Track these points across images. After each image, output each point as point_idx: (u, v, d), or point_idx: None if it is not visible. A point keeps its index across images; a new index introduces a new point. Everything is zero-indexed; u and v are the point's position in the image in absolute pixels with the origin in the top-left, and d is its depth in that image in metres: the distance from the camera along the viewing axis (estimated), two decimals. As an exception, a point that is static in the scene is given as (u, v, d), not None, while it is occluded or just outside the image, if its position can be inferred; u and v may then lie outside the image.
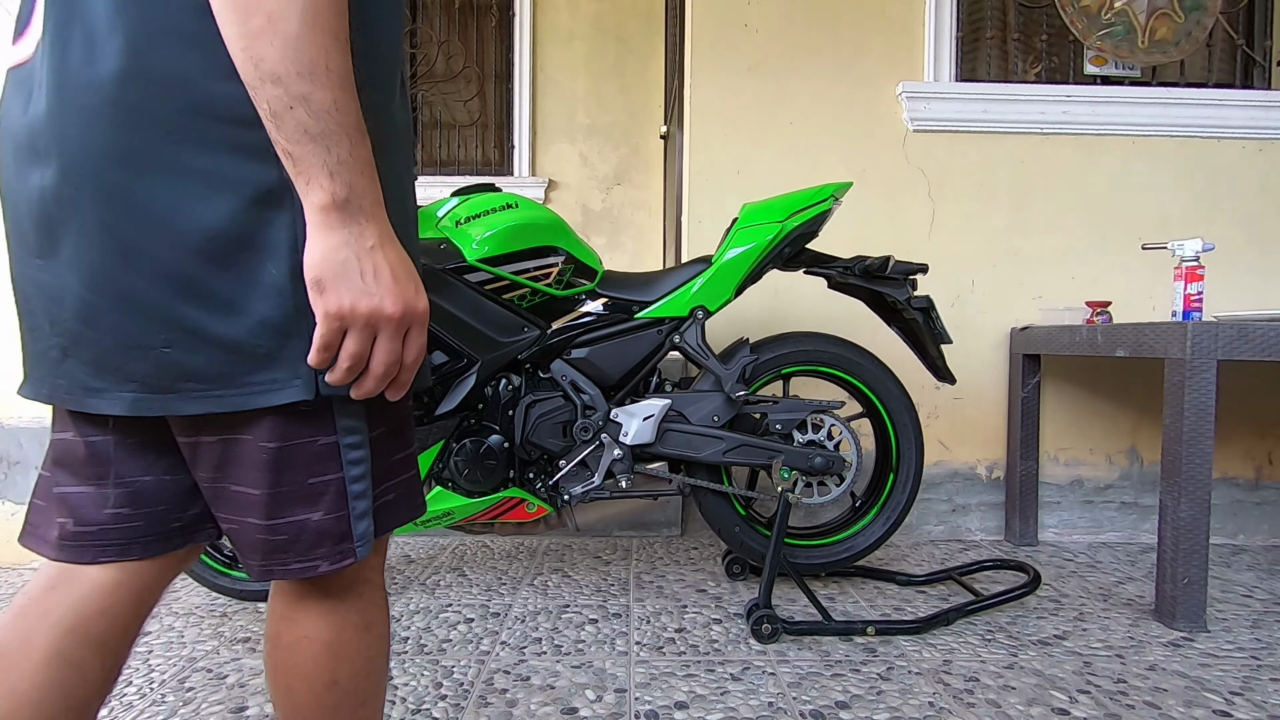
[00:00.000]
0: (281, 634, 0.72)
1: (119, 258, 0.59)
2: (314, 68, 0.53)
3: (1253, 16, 2.76)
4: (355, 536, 0.67)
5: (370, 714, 0.76)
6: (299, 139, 0.54)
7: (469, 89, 3.72)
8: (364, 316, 0.58)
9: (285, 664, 0.71)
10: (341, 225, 0.57)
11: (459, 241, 1.77)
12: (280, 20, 0.52)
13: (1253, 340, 1.67)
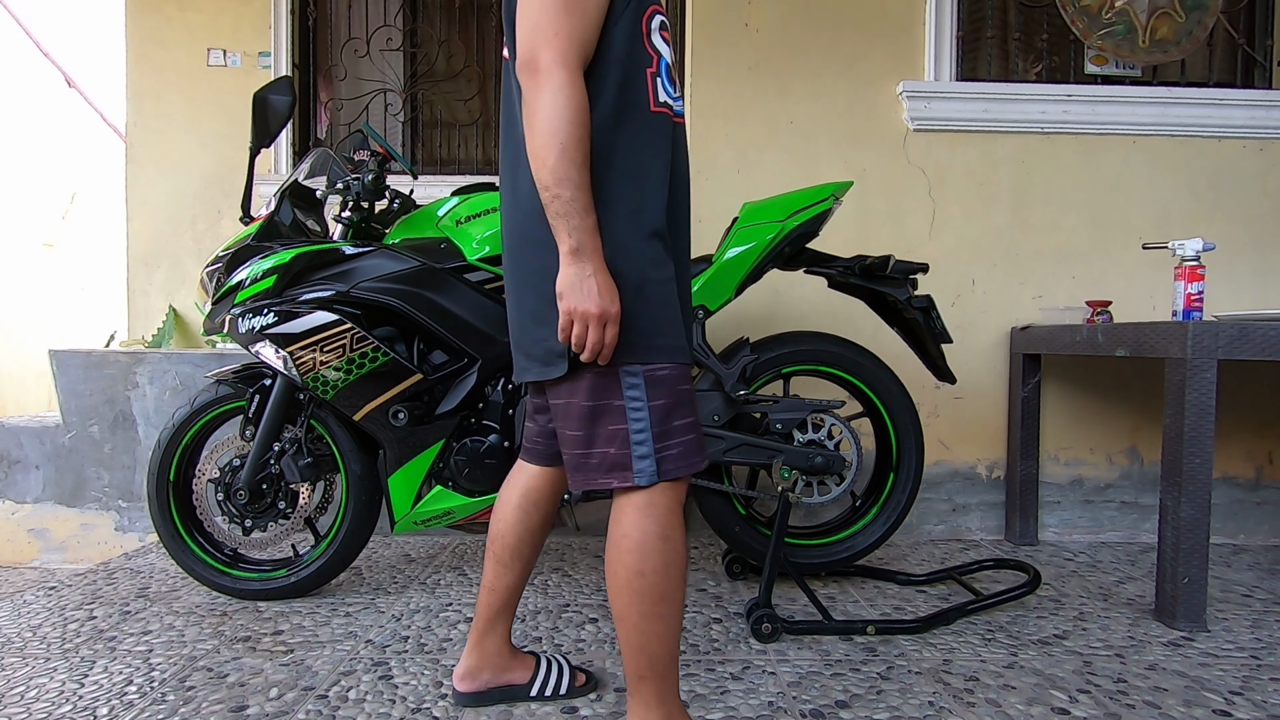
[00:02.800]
0: (611, 532, 1.08)
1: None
2: (560, 180, 0.96)
3: (1253, 16, 2.76)
4: (635, 470, 1.04)
5: (668, 610, 1.05)
6: (555, 217, 0.98)
7: (469, 88, 3.72)
8: (580, 314, 0.99)
9: (612, 554, 1.07)
10: (574, 263, 0.99)
11: (459, 241, 1.77)
12: (547, 158, 0.96)
13: (1253, 340, 1.67)
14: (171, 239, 3.64)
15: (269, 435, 1.82)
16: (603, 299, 0.98)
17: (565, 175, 0.95)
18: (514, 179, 1.10)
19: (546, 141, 0.95)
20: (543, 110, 0.96)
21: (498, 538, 1.29)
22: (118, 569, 2.14)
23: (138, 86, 3.67)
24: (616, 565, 1.06)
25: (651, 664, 1.06)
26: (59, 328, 6.32)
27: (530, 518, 1.28)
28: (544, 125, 0.96)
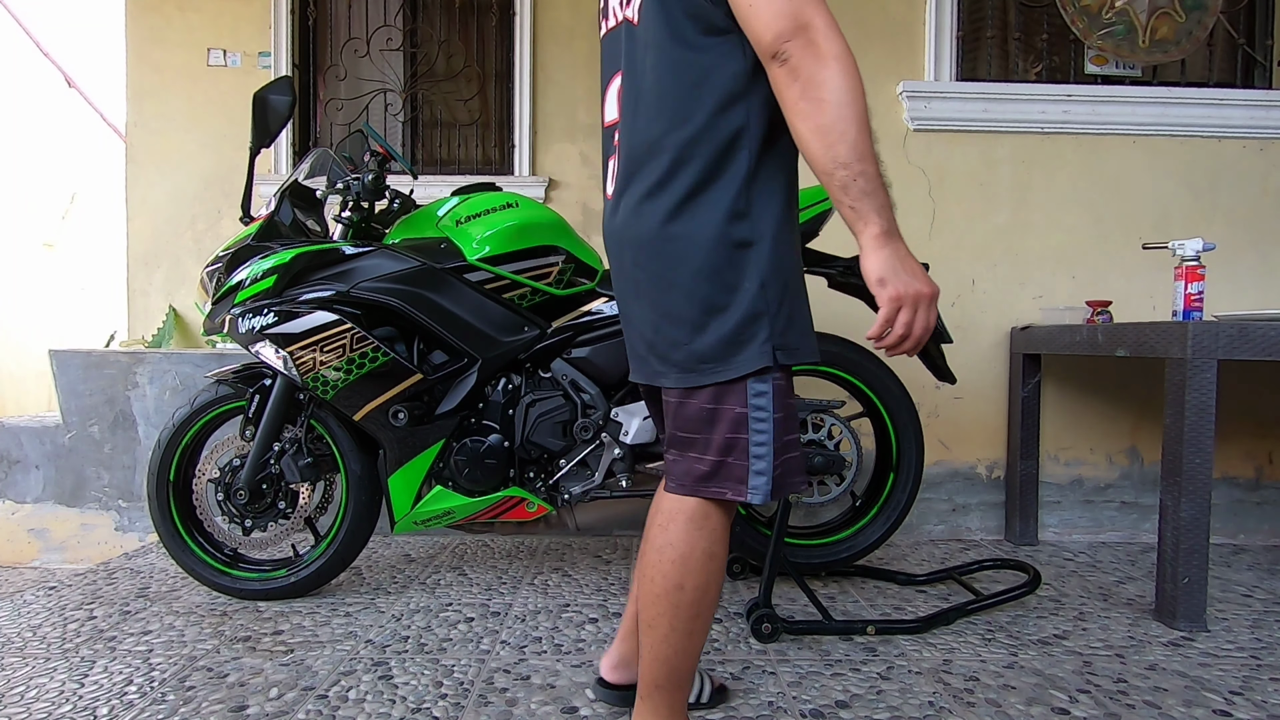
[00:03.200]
0: (655, 538, 1.03)
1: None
2: (863, 155, 0.86)
3: (1254, 16, 2.76)
4: (750, 485, 0.97)
5: (699, 627, 1.02)
6: (859, 198, 0.87)
7: (469, 88, 3.72)
8: (911, 297, 0.88)
9: (653, 560, 1.02)
10: (888, 244, 0.88)
11: (459, 241, 1.77)
12: (846, 131, 0.85)
13: (1253, 340, 1.67)
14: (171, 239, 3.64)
15: (269, 435, 1.82)
16: (925, 278, 0.90)
17: (866, 150, 0.86)
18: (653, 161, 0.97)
19: (844, 114, 0.85)
20: (832, 81, 0.84)
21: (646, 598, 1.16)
22: (118, 569, 2.14)
23: (138, 86, 3.67)
24: (655, 573, 1.01)
25: (670, 675, 1.03)
26: (59, 328, 6.32)
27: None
28: (839, 97, 0.84)
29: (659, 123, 0.96)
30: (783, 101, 0.89)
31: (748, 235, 0.95)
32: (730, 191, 0.94)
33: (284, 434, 1.85)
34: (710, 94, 0.93)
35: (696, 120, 0.94)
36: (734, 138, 0.94)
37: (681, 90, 0.94)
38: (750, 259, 0.95)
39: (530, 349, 1.81)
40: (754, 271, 0.95)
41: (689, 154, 0.94)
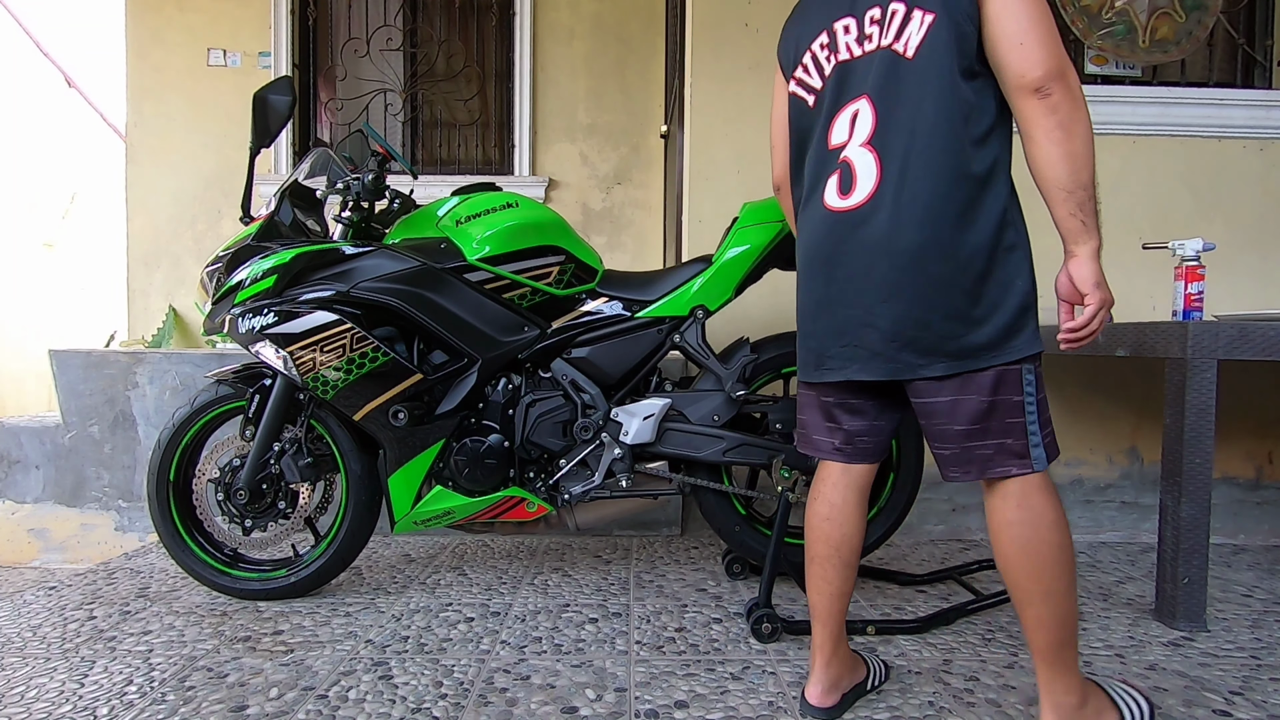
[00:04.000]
0: (1021, 514, 1.13)
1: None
2: (1094, 181, 1.07)
3: (1254, 16, 2.76)
4: (1033, 458, 1.13)
5: (1071, 585, 1.14)
6: (1090, 214, 1.06)
7: (469, 88, 3.72)
8: (1108, 304, 1.08)
9: (1032, 535, 1.12)
10: (1097, 257, 1.08)
11: (459, 241, 1.77)
12: (1089, 160, 1.06)
13: (1253, 340, 1.67)
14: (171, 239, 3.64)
15: (269, 435, 1.82)
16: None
17: (1092, 175, 1.07)
18: (936, 182, 1.11)
19: (1088, 147, 1.06)
20: (1083, 118, 1.05)
21: (844, 541, 1.29)
22: (118, 569, 2.15)
23: (138, 86, 3.67)
24: (1040, 544, 1.12)
25: (1072, 631, 1.14)
26: (59, 328, 6.32)
27: (865, 515, 1.33)
28: (1085, 131, 1.05)
29: (938, 150, 1.11)
30: (1036, 129, 1.07)
31: (1014, 240, 1.13)
32: (1000, 205, 1.11)
33: (284, 434, 1.85)
34: (977, 125, 1.11)
35: (969, 147, 1.11)
36: (995, 160, 1.12)
37: (956, 122, 1.11)
38: (1017, 259, 1.13)
39: (530, 349, 1.82)
40: (1024, 270, 1.13)
41: (967, 175, 1.11)
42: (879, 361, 1.17)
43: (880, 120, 1.15)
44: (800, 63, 1.27)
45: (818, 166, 1.24)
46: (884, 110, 1.15)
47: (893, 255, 1.13)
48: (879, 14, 1.15)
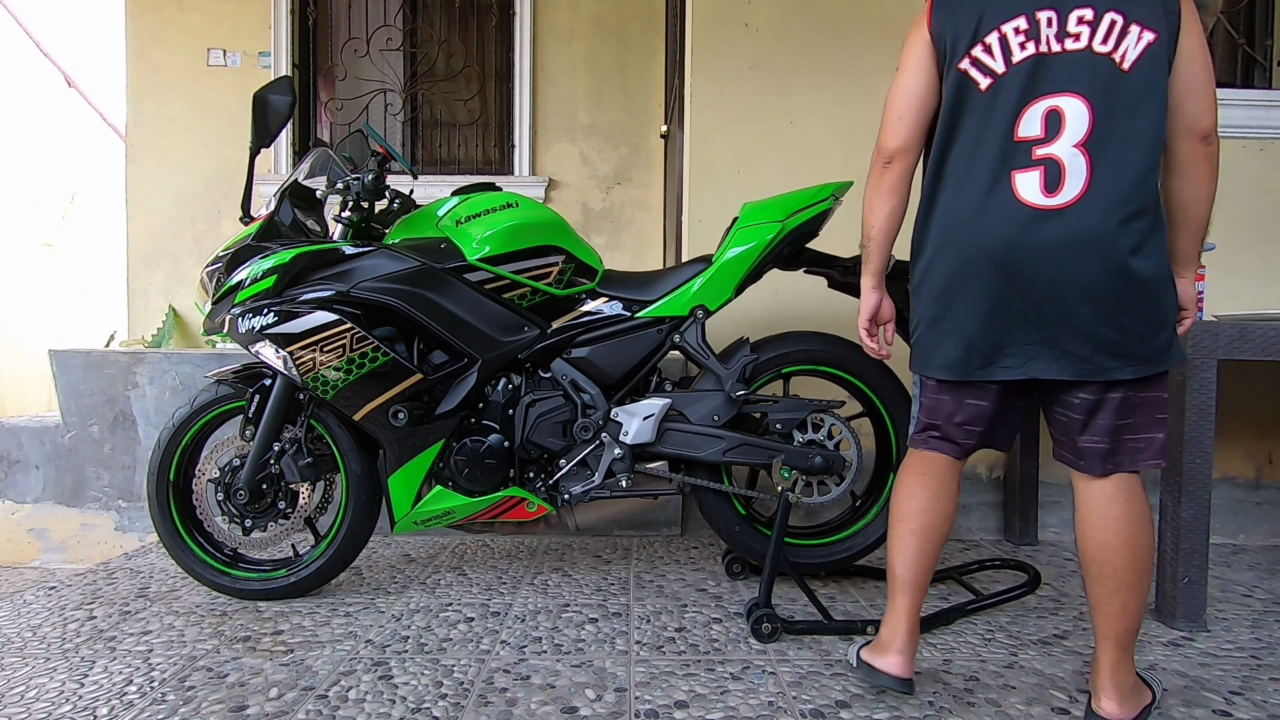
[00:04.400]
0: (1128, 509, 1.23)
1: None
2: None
3: (1254, 16, 2.76)
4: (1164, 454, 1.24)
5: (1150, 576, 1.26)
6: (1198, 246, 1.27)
7: (469, 88, 3.72)
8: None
9: (1136, 529, 1.22)
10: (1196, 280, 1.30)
11: (459, 241, 1.77)
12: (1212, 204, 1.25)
13: (1253, 340, 1.67)
14: (171, 239, 3.64)
15: (269, 435, 1.82)
16: None
17: None
18: (1144, 191, 1.17)
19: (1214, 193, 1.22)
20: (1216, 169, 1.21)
21: (947, 518, 1.38)
22: (118, 569, 2.15)
23: (138, 86, 3.67)
24: (1142, 537, 1.23)
25: (1140, 620, 1.25)
26: (59, 328, 6.32)
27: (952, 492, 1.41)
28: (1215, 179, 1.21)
29: (1148, 163, 1.16)
30: (1197, 170, 1.19)
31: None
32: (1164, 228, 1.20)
33: (284, 434, 1.85)
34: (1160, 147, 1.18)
35: (1156, 167, 1.18)
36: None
37: (1159, 142, 1.17)
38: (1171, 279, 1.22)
39: (530, 349, 1.82)
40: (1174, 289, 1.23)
41: (1156, 195, 1.18)
42: (1068, 361, 1.20)
43: (1097, 125, 1.16)
44: (982, 41, 1.21)
45: (997, 157, 1.21)
46: (1102, 116, 1.16)
47: (1105, 258, 1.15)
48: (1090, 16, 1.15)
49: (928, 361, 1.32)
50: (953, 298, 1.26)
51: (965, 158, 1.24)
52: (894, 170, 1.33)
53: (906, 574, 1.36)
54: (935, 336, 1.29)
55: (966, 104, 1.24)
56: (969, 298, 1.24)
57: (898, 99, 1.34)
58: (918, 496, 1.37)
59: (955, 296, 1.25)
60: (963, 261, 1.24)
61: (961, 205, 1.24)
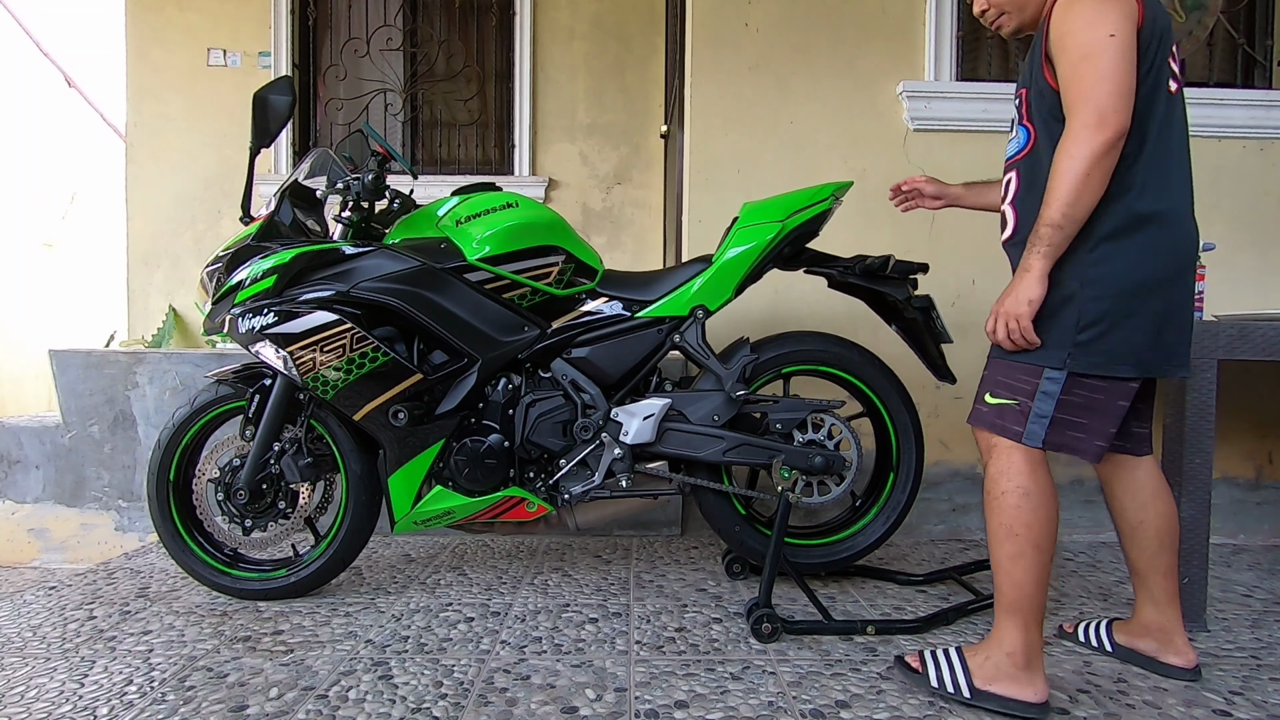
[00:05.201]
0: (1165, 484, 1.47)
1: None
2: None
3: (1254, 16, 2.76)
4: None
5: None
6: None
7: (469, 88, 3.72)
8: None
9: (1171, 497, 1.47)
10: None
11: (459, 241, 1.77)
12: None
13: (1253, 340, 1.67)
14: (171, 239, 3.64)
15: (269, 435, 1.82)
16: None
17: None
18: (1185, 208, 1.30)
19: None
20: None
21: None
22: (118, 569, 2.15)
23: (138, 86, 3.67)
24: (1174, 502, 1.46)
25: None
26: (59, 328, 6.32)
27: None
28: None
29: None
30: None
31: None
32: None
33: (284, 434, 1.85)
34: None
35: None
36: None
37: None
38: None
39: (530, 349, 1.82)
40: None
41: None
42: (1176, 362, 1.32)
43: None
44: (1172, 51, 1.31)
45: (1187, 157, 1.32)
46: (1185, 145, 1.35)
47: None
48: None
49: (1138, 359, 1.28)
50: (1169, 294, 1.28)
51: (1171, 151, 1.29)
52: (1119, 149, 1.21)
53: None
54: (1131, 333, 1.26)
55: (1163, 101, 1.28)
56: (1180, 298, 1.30)
57: (1127, 71, 1.19)
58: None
59: (1170, 293, 1.28)
60: (1181, 257, 1.28)
61: (1181, 199, 1.29)
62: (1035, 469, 1.30)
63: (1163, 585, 1.46)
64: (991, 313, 1.33)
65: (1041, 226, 1.23)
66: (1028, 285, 1.25)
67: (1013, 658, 1.29)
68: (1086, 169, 1.18)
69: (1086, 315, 1.26)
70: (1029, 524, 1.28)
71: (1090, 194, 1.20)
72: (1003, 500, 1.30)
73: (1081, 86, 1.19)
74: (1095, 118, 1.17)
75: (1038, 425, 1.29)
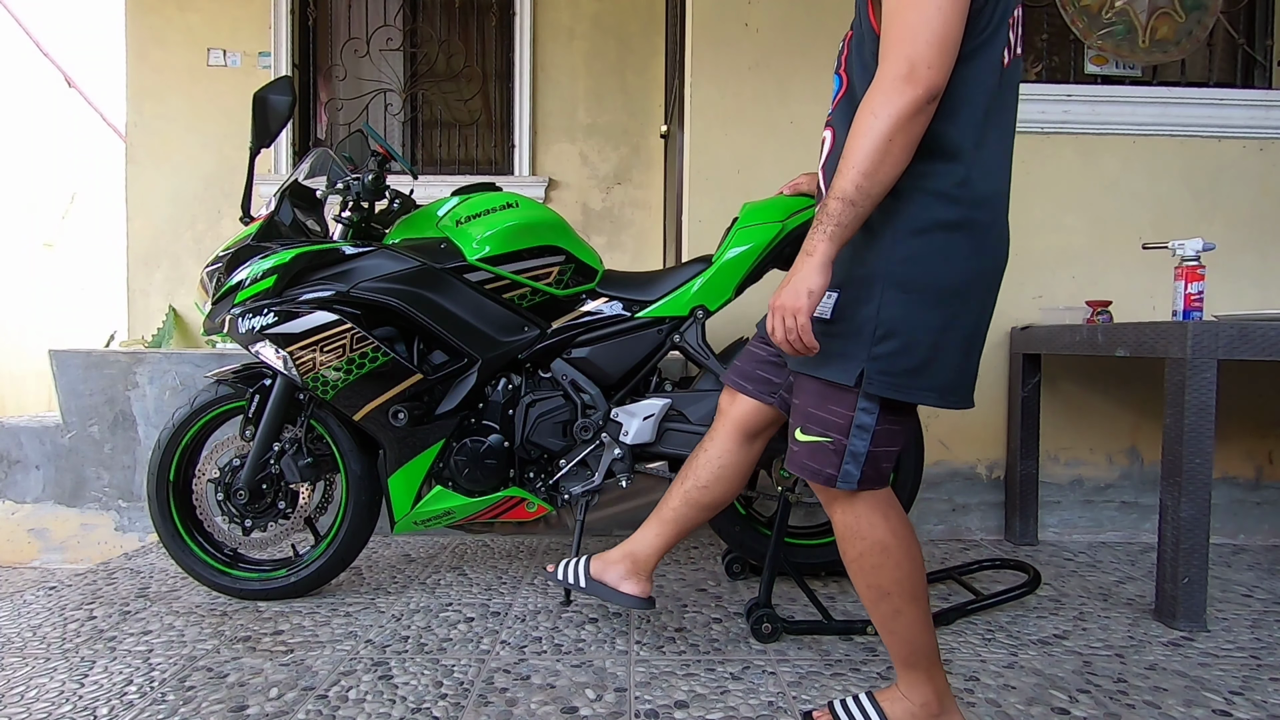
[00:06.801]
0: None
1: None
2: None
3: (1254, 16, 2.76)
4: None
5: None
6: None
7: (470, 88, 3.72)
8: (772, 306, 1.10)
9: None
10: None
11: (459, 241, 1.77)
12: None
13: (1253, 340, 1.67)
14: (171, 239, 3.64)
15: (269, 435, 1.82)
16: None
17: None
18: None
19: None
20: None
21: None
22: (118, 569, 2.15)
23: (138, 86, 3.67)
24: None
25: None
26: (59, 328, 6.32)
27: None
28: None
29: None
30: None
31: None
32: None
33: (284, 434, 1.85)
34: None
35: None
36: None
37: None
38: None
39: (530, 349, 1.82)
40: None
41: None
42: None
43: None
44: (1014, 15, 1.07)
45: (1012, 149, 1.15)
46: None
47: None
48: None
49: (942, 383, 1.08)
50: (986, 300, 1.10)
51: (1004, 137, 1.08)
52: (929, 113, 0.98)
53: None
54: (938, 349, 1.07)
55: (995, 70, 1.03)
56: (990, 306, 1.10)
57: (953, 21, 0.95)
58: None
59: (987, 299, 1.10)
60: (998, 261, 1.09)
61: (1004, 193, 1.09)
62: (887, 514, 1.13)
63: (659, 528, 1.49)
64: (769, 307, 1.06)
65: (830, 199, 0.99)
66: (807, 273, 1.00)
67: (928, 707, 1.18)
68: (889, 130, 0.95)
69: (886, 321, 1.05)
70: (897, 580, 1.13)
71: (892, 163, 0.97)
72: (861, 563, 1.14)
73: (896, 30, 0.96)
74: (906, 67, 0.94)
75: (852, 465, 1.10)
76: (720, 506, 1.50)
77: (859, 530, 1.14)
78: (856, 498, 1.14)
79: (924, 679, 1.17)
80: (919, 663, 1.17)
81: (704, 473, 1.47)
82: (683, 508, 1.49)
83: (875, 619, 1.17)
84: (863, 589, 1.17)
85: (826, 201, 1.00)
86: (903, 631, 1.15)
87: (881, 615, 1.16)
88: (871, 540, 1.13)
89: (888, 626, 1.16)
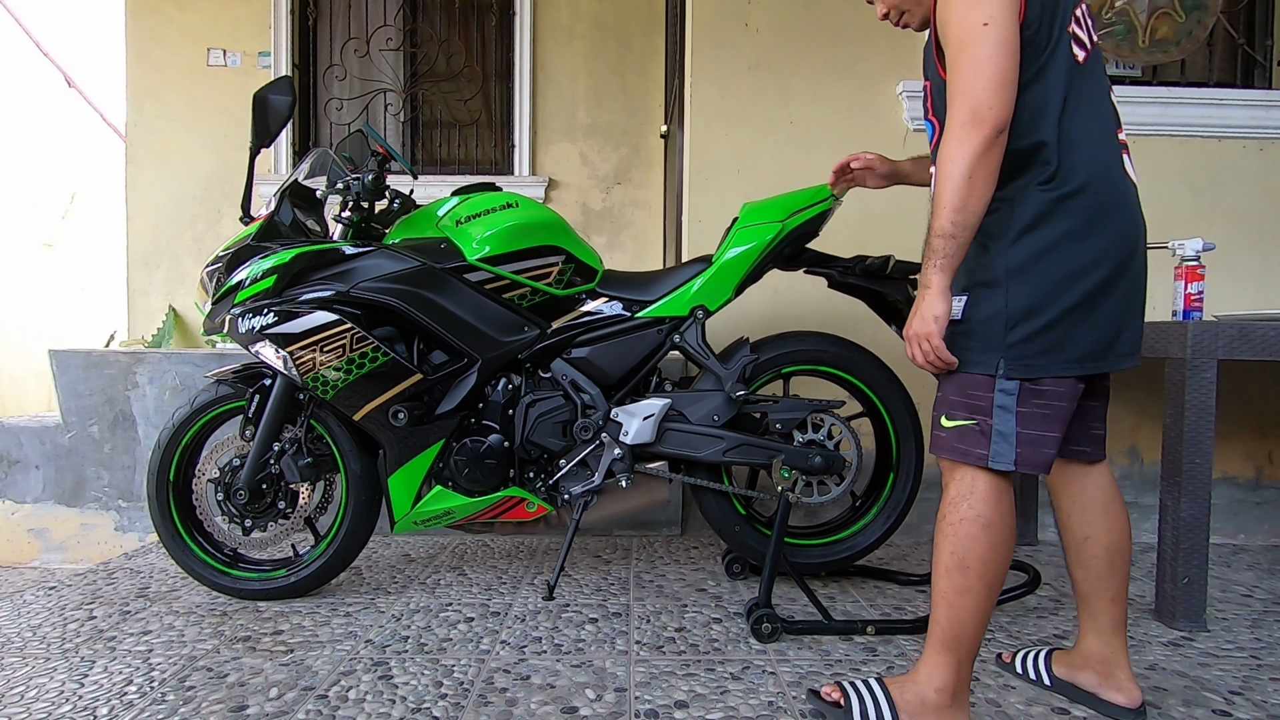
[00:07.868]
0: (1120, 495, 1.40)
1: None
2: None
3: (1254, 16, 2.76)
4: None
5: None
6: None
7: (470, 88, 3.72)
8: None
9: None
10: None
11: (459, 241, 1.77)
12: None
13: (1253, 340, 1.67)
14: (171, 239, 3.64)
15: (269, 435, 1.82)
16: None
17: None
18: None
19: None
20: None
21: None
22: (118, 569, 2.15)
23: (138, 86, 3.67)
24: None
25: None
26: (59, 328, 6.31)
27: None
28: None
29: None
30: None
31: None
32: None
33: (284, 434, 1.85)
34: None
35: None
36: None
37: None
38: None
39: (530, 349, 1.82)
40: None
41: None
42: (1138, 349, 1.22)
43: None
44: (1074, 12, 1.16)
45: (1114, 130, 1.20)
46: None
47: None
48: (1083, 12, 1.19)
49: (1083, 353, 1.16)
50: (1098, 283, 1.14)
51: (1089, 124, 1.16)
52: (1002, 143, 1.10)
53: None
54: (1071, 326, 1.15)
55: (1065, 75, 1.14)
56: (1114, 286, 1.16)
57: (1006, 58, 1.08)
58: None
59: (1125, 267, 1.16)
60: (1122, 226, 1.16)
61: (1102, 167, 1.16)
62: (1000, 498, 1.18)
63: (1109, 611, 1.34)
64: (904, 338, 1.21)
65: (933, 238, 1.12)
66: (930, 302, 1.14)
67: (941, 694, 1.19)
68: (968, 170, 1.08)
69: (1014, 312, 1.15)
70: (984, 559, 1.16)
71: (978, 195, 1.09)
72: (959, 528, 1.17)
73: (957, 81, 1.10)
74: (969, 114, 1.07)
75: (1003, 445, 1.16)
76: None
77: (971, 499, 1.18)
78: (982, 476, 1.19)
79: (953, 665, 1.19)
80: (958, 649, 1.19)
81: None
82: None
83: (939, 590, 1.19)
84: (944, 555, 1.18)
85: (930, 239, 1.13)
86: (962, 610, 1.17)
87: (949, 588, 1.18)
88: (979, 511, 1.17)
89: (950, 600, 1.18)
